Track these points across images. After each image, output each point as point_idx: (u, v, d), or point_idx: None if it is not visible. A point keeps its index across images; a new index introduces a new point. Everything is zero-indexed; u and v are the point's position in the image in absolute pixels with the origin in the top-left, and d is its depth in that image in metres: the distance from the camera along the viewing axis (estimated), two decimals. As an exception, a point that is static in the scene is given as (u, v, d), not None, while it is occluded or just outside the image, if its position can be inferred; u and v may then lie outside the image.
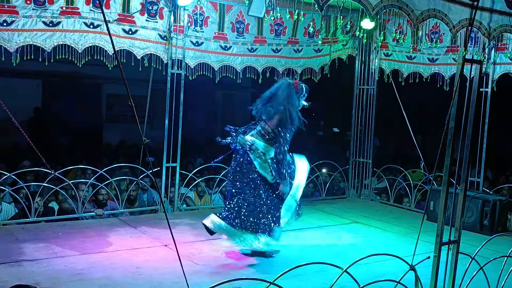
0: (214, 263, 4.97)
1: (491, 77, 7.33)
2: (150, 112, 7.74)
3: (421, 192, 8.15)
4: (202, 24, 7.10)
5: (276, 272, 3.19)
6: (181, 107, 6.96)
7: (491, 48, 7.18)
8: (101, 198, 6.93)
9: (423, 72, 8.22)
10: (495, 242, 4.52)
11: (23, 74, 12.50)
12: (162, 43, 6.80)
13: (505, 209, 6.76)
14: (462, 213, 3.75)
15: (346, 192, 9.05)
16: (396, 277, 3.47)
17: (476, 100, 3.72)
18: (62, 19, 6.02)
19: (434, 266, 3.55)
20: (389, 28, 8.29)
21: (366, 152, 8.88)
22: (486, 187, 7.86)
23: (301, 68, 8.19)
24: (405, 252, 3.97)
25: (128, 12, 6.45)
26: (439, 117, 4.38)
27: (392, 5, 3.84)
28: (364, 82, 8.81)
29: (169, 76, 6.86)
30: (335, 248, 5.71)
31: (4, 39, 5.70)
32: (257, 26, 7.57)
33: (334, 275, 3.21)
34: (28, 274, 4.42)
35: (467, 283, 3.81)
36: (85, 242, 5.44)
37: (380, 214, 7.59)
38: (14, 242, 5.33)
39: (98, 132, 14.61)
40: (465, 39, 3.72)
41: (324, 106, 14.94)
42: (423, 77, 8.24)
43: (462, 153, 3.72)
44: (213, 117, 16.33)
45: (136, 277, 4.49)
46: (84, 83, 13.99)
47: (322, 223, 6.89)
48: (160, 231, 5.93)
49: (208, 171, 8.39)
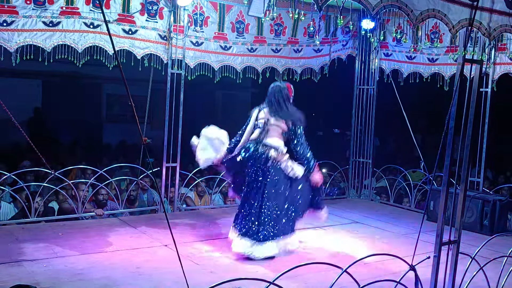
0: (214, 263, 4.97)
1: (491, 77, 7.33)
2: (150, 112, 7.75)
3: (421, 192, 8.15)
4: (202, 24, 7.10)
5: (276, 272, 3.18)
6: (181, 107, 6.96)
7: (491, 48, 7.18)
8: (101, 198, 6.93)
9: (423, 72, 8.23)
10: (495, 242, 4.51)
11: (23, 74, 12.49)
12: (162, 43, 6.80)
13: (505, 209, 6.76)
14: (462, 213, 3.75)
15: (346, 192, 9.05)
16: (396, 277, 3.47)
17: (476, 100, 3.71)
18: (62, 19, 6.02)
19: (434, 266, 3.55)
20: (389, 28, 8.29)
21: (366, 152, 8.88)
22: (486, 187, 7.86)
23: (301, 68, 8.19)
24: (405, 252, 3.97)
25: (128, 12, 6.45)
26: (439, 117, 4.38)
27: (392, 5, 3.85)
28: (364, 82, 8.81)
29: (169, 76, 6.86)
30: (335, 248, 5.71)
31: (4, 39, 5.70)
32: (257, 26, 7.57)
33: (334, 275, 3.21)
34: (28, 274, 4.42)
35: (467, 283, 3.81)
36: (85, 242, 5.44)
37: (380, 214, 7.59)
38: (14, 242, 5.33)
39: (98, 132, 14.61)
40: (465, 39, 3.71)
41: (324, 106, 14.96)
42: (423, 77, 8.24)
43: (462, 153, 3.72)
44: (213, 117, 16.34)
45: (136, 277, 4.49)
46: (84, 83, 13.98)
47: (322, 223, 6.87)
48: (160, 231, 5.92)
49: (208, 171, 8.38)
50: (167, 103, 6.89)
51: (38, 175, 7.69)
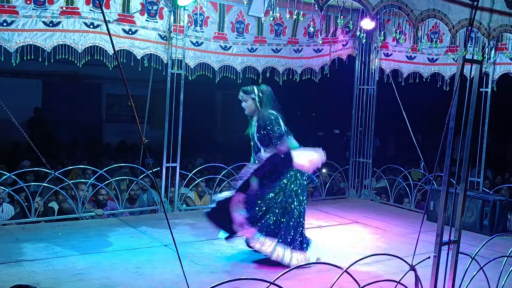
0: (214, 263, 4.97)
1: (491, 77, 7.33)
2: (150, 112, 7.75)
3: (421, 192, 8.15)
4: (202, 24, 7.10)
5: (276, 272, 3.19)
6: (181, 107, 6.96)
7: (491, 48, 7.18)
8: (101, 198, 6.94)
9: (423, 72, 8.23)
10: (495, 242, 4.52)
11: (23, 74, 12.49)
12: (162, 43, 6.80)
13: (505, 209, 6.76)
14: (462, 213, 3.75)
15: (346, 192, 9.05)
16: (396, 277, 3.47)
17: (476, 100, 3.72)
18: (62, 19, 6.02)
19: (434, 266, 3.55)
20: (389, 28, 8.29)
21: (366, 152, 8.88)
22: (486, 187, 7.86)
23: (301, 68, 8.19)
24: (405, 252, 3.97)
25: (128, 12, 6.45)
26: (439, 117, 4.37)
27: (392, 5, 3.84)
28: (364, 82, 8.81)
29: (169, 76, 6.86)
30: (335, 248, 5.71)
31: (4, 39, 5.70)
32: (257, 26, 7.57)
33: (334, 275, 3.21)
34: (28, 274, 4.42)
35: (467, 283, 3.81)
36: (85, 242, 5.44)
37: (380, 214, 7.59)
38: (14, 242, 5.33)
39: (98, 132, 14.61)
40: (465, 39, 3.71)
41: (324, 106, 14.96)
42: (423, 77, 8.24)
43: (462, 153, 3.72)
44: (213, 117, 16.35)
45: (136, 277, 4.49)
46: (84, 83, 13.97)
47: (322, 223, 6.89)
48: (160, 231, 5.92)
49: (208, 171, 8.39)
50: (167, 103, 6.89)
51: (38, 175, 7.70)
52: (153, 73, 7.28)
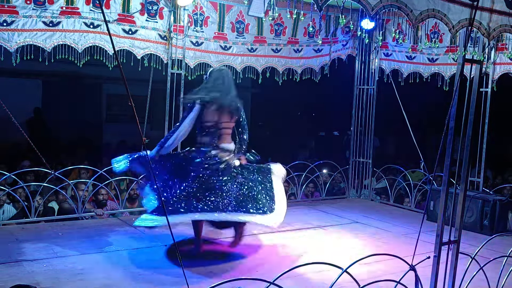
0: (214, 263, 4.96)
1: (491, 77, 7.32)
2: (150, 112, 7.74)
3: (421, 192, 8.15)
4: (202, 24, 7.10)
5: (276, 272, 3.19)
6: (181, 107, 6.95)
7: (491, 48, 7.18)
8: (101, 198, 6.94)
9: (423, 72, 8.22)
10: (495, 242, 4.52)
11: (23, 74, 12.50)
12: (162, 43, 6.80)
13: (505, 209, 6.75)
14: (462, 213, 3.75)
15: (346, 192, 9.05)
16: (396, 277, 3.47)
17: (476, 100, 3.72)
18: (62, 19, 6.02)
19: (434, 266, 3.55)
20: (389, 28, 8.29)
21: (366, 152, 8.88)
22: (486, 187, 7.85)
23: (301, 68, 8.19)
24: (405, 252, 3.97)
25: (128, 12, 6.45)
26: (439, 117, 4.38)
27: (391, 5, 3.84)
28: (364, 82, 8.81)
29: (169, 76, 6.87)
30: (335, 248, 5.71)
31: (4, 39, 5.70)
32: (257, 26, 7.57)
33: (334, 275, 3.21)
34: (28, 274, 4.43)
35: (467, 283, 3.81)
36: (85, 242, 5.44)
37: (380, 214, 7.59)
38: (14, 242, 5.34)
39: (98, 132, 14.61)
40: (465, 39, 3.71)
41: (324, 106, 14.96)
42: (423, 77, 8.24)
43: (462, 153, 3.72)
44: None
45: (136, 277, 4.49)
46: (84, 83, 13.97)
47: (322, 223, 6.89)
48: (160, 231, 5.92)
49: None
50: (167, 103, 6.89)
51: (38, 175, 7.69)
52: (153, 73, 7.28)
